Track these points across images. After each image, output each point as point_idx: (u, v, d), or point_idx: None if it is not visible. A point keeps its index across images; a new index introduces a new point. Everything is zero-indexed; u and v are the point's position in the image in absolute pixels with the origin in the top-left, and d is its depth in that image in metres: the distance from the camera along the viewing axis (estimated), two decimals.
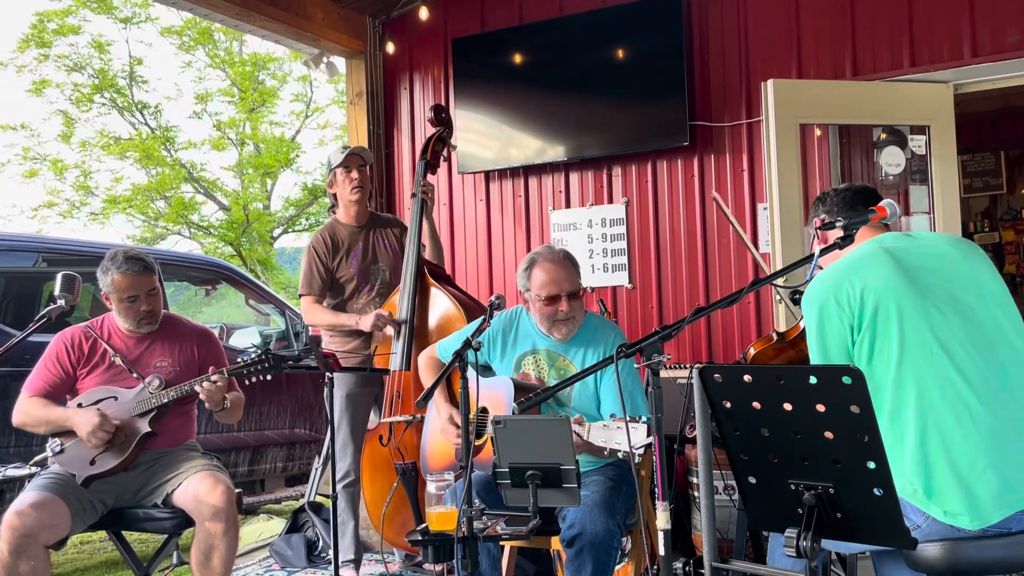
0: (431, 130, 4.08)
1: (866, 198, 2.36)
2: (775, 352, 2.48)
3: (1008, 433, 1.98)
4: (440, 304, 3.69)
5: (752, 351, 2.52)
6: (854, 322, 2.09)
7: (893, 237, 2.26)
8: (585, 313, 3.08)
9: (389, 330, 3.69)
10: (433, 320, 3.70)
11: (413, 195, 3.86)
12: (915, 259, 2.16)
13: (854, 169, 5.08)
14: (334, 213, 3.96)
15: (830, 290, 2.13)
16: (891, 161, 4.62)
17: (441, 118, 4.06)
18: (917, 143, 4.48)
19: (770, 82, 4.21)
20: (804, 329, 2.55)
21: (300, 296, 3.89)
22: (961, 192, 4.73)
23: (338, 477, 3.78)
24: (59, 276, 2.99)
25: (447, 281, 3.85)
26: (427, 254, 3.85)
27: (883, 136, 4.68)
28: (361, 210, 3.91)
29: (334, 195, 3.93)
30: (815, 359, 2.14)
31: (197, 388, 3.05)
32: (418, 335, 3.67)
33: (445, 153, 4.07)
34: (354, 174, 3.84)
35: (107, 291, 3.19)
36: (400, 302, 3.69)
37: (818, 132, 4.55)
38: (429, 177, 3.96)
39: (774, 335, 2.59)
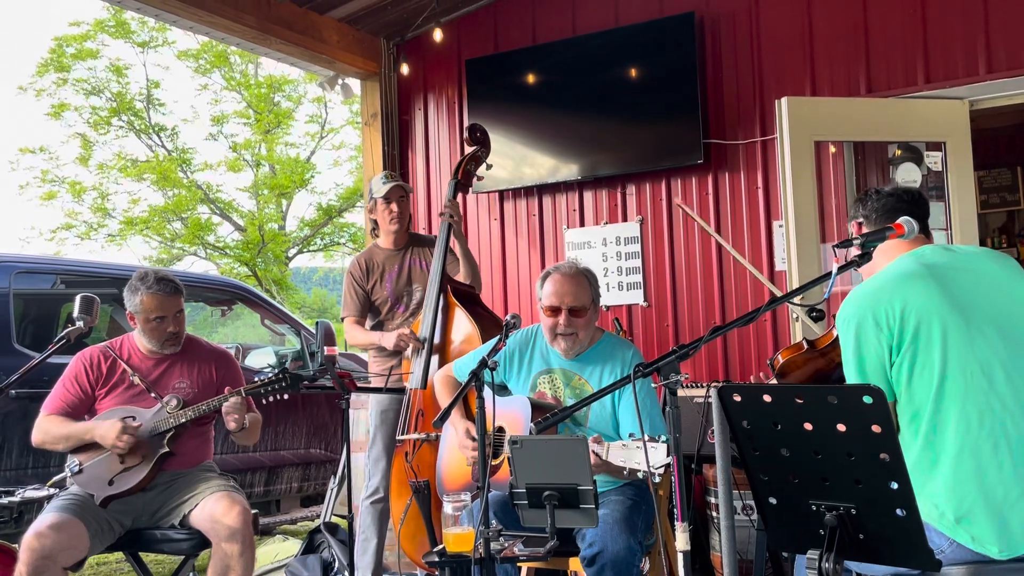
0: (466, 149, 4.01)
1: (913, 207, 2.23)
2: (804, 361, 2.42)
3: None
4: (460, 323, 3.70)
5: (781, 358, 2.47)
6: (893, 343, 2.01)
7: (933, 251, 2.16)
8: (601, 333, 3.07)
9: (410, 349, 3.71)
10: (454, 340, 3.71)
11: (441, 215, 3.88)
12: (957, 276, 2.07)
13: (869, 186, 5.06)
14: (375, 236, 4.05)
15: (868, 308, 2.05)
16: (907, 178, 4.60)
17: (476, 137, 4.00)
18: (933, 159, 4.47)
19: (784, 100, 4.21)
20: (836, 338, 2.48)
21: (341, 319, 3.99)
22: (978, 208, 4.71)
23: (367, 493, 3.79)
24: (77, 298, 3.01)
25: (474, 301, 3.83)
26: (461, 275, 3.87)
27: (898, 153, 4.67)
28: (400, 236, 3.98)
29: (374, 220, 4.01)
30: (851, 379, 2.08)
31: (225, 404, 3.07)
32: (439, 354, 3.67)
33: (479, 172, 4.04)
34: (394, 206, 3.91)
35: (134, 311, 3.21)
36: (423, 321, 3.71)
37: (833, 149, 4.53)
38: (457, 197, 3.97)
39: (804, 343, 2.53)
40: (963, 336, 1.99)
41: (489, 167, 4.10)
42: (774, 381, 2.46)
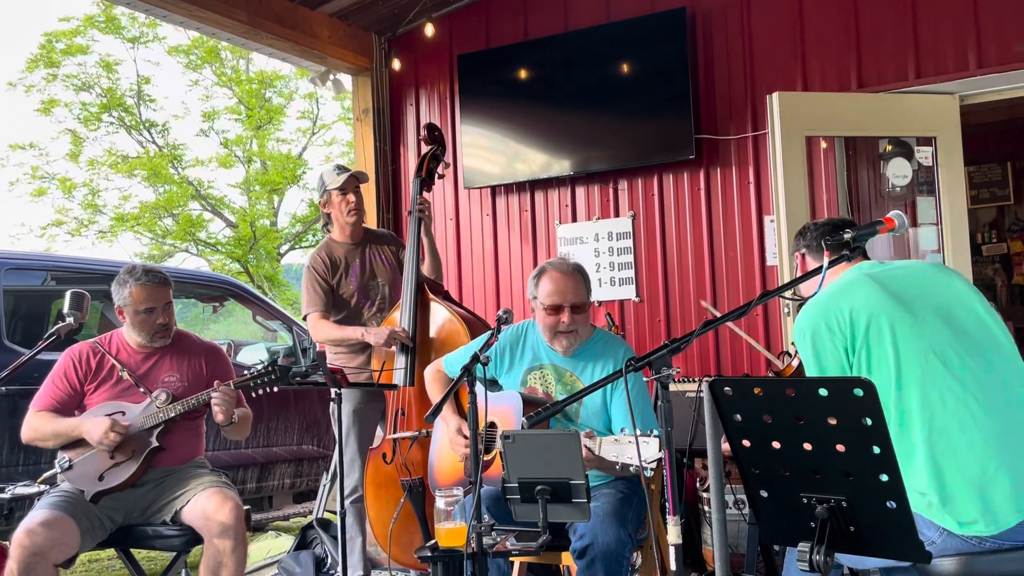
0: (425, 148, 4.06)
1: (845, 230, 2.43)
2: None
3: (1014, 435, 1.99)
4: (441, 319, 3.69)
5: None
6: (848, 344, 2.13)
7: (871, 265, 2.33)
8: (593, 329, 3.07)
9: (395, 346, 3.70)
10: (435, 335, 3.70)
11: (410, 213, 3.86)
12: (895, 280, 2.23)
13: (860, 181, 5.08)
14: (328, 231, 3.97)
15: (820, 316, 2.18)
16: (898, 172, 4.61)
17: (434, 136, 4.03)
18: (923, 154, 4.48)
19: (775, 95, 4.22)
20: (799, 367, 2.58)
21: (304, 316, 3.89)
22: (968, 203, 4.73)
23: (346, 493, 3.77)
24: (68, 294, 3.00)
25: (445, 297, 3.85)
26: (425, 270, 3.84)
27: (889, 148, 4.68)
28: (356, 229, 3.92)
29: (327, 214, 3.94)
30: None
31: (214, 395, 3.06)
32: (420, 350, 3.67)
33: (440, 170, 4.04)
34: (351, 197, 3.85)
35: (122, 304, 3.19)
36: (401, 318, 3.69)
37: (824, 144, 4.54)
38: (426, 194, 3.95)
39: (771, 375, 2.61)
40: (911, 327, 2.11)
41: (447, 166, 4.11)
42: None
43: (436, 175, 4.01)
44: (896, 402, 2.05)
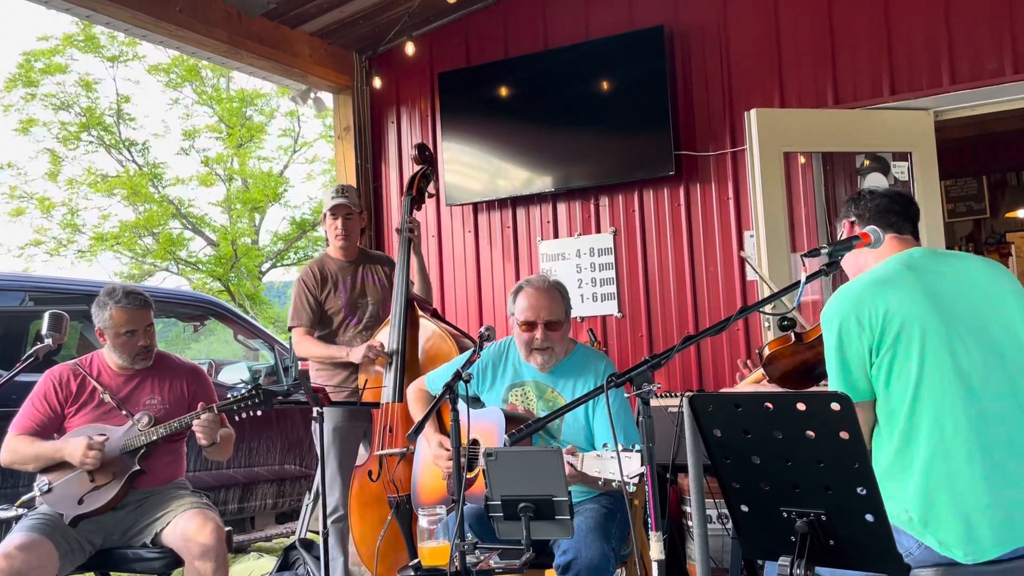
0: (415, 167, 4.12)
1: (905, 209, 2.26)
2: (791, 353, 2.42)
3: (1017, 472, 1.94)
4: (430, 335, 3.70)
5: (768, 350, 2.48)
6: (874, 344, 2.03)
7: (922, 255, 2.16)
8: (574, 345, 3.08)
9: (378, 363, 3.70)
10: (423, 351, 3.71)
11: (398, 231, 3.89)
12: (942, 282, 2.08)
13: (838, 195, 5.13)
14: (327, 247, 4.04)
15: (852, 307, 2.06)
16: (875, 187, 4.66)
17: (424, 156, 4.11)
18: (900, 169, 4.53)
19: (753, 112, 4.26)
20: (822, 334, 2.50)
21: (290, 328, 3.92)
22: (945, 217, 4.78)
23: (327, 512, 3.76)
24: (46, 315, 2.97)
25: (434, 315, 3.87)
26: (416, 289, 3.88)
27: (866, 163, 4.74)
28: (349, 250, 3.97)
29: (326, 231, 4.02)
30: (833, 375, 2.09)
31: (195, 422, 3.04)
32: (409, 367, 3.67)
33: (431, 189, 4.11)
34: (339, 222, 3.91)
35: (103, 326, 3.17)
36: (390, 334, 3.70)
37: (802, 160, 4.59)
38: (416, 213, 4.00)
39: (792, 335, 2.53)
40: (942, 343, 2.00)
41: (437, 186, 4.18)
42: (761, 371, 2.47)
43: (426, 194, 4.07)
44: (907, 416, 1.99)
